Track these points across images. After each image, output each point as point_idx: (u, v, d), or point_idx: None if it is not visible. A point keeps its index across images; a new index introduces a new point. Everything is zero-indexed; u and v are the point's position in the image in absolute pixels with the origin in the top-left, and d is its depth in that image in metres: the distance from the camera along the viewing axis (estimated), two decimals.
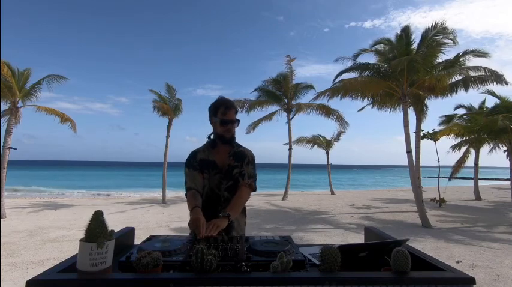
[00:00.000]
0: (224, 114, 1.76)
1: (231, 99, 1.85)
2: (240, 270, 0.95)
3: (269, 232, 6.81)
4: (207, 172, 1.78)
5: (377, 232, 1.47)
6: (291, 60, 14.50)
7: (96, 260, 0.90)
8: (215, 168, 1.79)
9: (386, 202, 13.39)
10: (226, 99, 1.82)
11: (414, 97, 9.21)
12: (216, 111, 1.78)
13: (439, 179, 12.35)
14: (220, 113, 1.76)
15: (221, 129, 1.77)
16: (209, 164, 1.79)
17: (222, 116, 1.76)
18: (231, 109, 1.77)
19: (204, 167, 1.79)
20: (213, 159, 1.81)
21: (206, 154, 1.83)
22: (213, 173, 1.78)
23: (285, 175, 15.26)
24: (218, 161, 1.80)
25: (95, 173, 52.96)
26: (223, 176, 1.78)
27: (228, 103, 1.78)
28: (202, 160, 1.81)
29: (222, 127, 1.77)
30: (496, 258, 4.80)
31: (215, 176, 1.77)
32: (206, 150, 1.84)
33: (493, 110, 13.45)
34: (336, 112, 14.58)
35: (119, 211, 10.05)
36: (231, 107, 1.78)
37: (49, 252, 5.02)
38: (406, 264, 0.93)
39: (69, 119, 10.09)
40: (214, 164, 1.79)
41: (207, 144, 1.87)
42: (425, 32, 8.33)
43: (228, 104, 1.78)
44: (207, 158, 1.81)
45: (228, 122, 1.76)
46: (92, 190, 21.38)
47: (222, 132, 1.78)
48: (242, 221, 1.83)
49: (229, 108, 1.76)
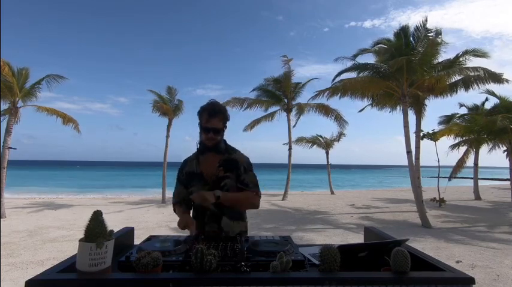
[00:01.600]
0: (207, 121, 1.64)
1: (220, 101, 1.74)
2: (239, 270, 0.95)
3: (269, 232, 6.81)
4: (195, 185, 1.68)
5: (377, 232, 1.47)
6: (288, 60, 14.47)
7: (95, 260, 0.90)
8: (202, 180, 1.68)
9: (386, 202, 13.40)
10: (213, 105, 1.69)
11: (414, 97, 9.21)
12: (200, 117, 1.68)
13: (438, 179, 12.35)
14: (203, 119, 1.65)
15: (204, 136, 1.66)
16: (195, 177, 1.70)
17: (205, 123, 1.64)
18: (214, 116, 1.64)
19: (190, 180, 1.71)
20: (200, 170, 1.70)
21: (193, 165, 1.73)
22: (201, 186, 1.67)
23: (285, 175, 15.26)
24: (205, 172, 1.68)
25: (95, 173, 52.95)
26: (211, 188, 1.63)
27: (212, 109, 1.65)
28: (189, 174, 1.73)
29: (204, 134, 1.66)
30: (495, 258, 4.81)
31: (204, 188, 1.65)
32: (194, 159, 1.74)
33: (492, 110, 13.47)
34: (335, 111, 14.58)
35: (119, 211, 10.05)
36: (216, 113, 1.65)
37: (49, 252, 5.02)
38: (406, 264, 0.93)
39: (72, 120, 10.05)
40: (201, 176, 1.68)
41: (197, 152, 1.77)
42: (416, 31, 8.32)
43: (212, 110, 1.65)
44: (193, 171, 1.72)
45: (209, 130, 1.63)
46: (92, 190, 21.37)
47: (204, 139, 1.67)
48: (236, 227, 1.71)
49: (213, 115, 1.64)
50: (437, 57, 8.65)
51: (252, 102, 15.04)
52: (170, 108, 12.94)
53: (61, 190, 21.33)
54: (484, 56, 8.54)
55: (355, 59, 9.22)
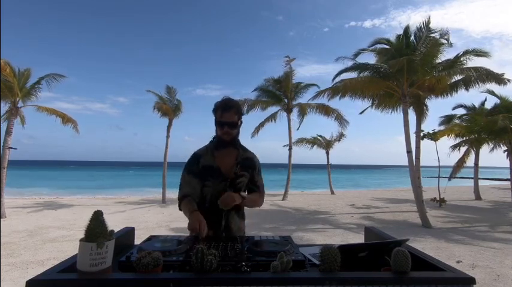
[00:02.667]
0: (221, 116, 1.67)
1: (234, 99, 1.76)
2: (240, 270, 0.95)
3: (269, 232, 6.81)
4: (211, 180, 1.68)
5: (377, 232, 1.47)
6: (290, 60, 14.50)
7: (96, 260, 0.90)
8: (220, 176, 1.68)
9: (386, 202, 13.39)
10: (227, 100, 1.72)
11: (414, 97, 9.21)
12: (215, 112, 1.71)
13: (439, 179, 12.35)
14: (218, 115, 1.69)
15: (219, 131, 1.70)
16: (213, 172, 1.69)
17: (219, 117, 1.68)
18: (229, 110, 1.67)
19: (207, 175, 1.69)
20: (218, 166, 1.70)
21: (210, 159, 1.72)
22: (218, 182, 1.68)
23: (285, 175, 15.26)
24: (224, 169, 1.70)
25: (95, 173, 52.95)
26: (229, 185, 1.68)
27: (226, 104, 1.69)
28: (206, 167, 1.70)
29: (219, 129, 1.69)
30: (496, 258, 4.81)
31: (220, 184, 1.67)
32: (209, 153, 1.73)
33: (493, 110, 13.47)
34: (336, 111, 14.57)
35: (119, 211, 10.05)
36: (230, 108, 1.68)
37: (49, 252, 5.02)
38: (406, 264, 0.93)
39: (71, 120, 10.07)
40: (219, 171, 1.69)
41: (210, 145, 1.77)
42: (418, 31, 8.32)
43: (226, 105, 1.68)
44: (211, 165, 1.70)
45: (224, 124, 1.67)
46: (92, 190, 21.38)
47: (220, 134, 1.70)
48: (242, 225, 1.77)
49: (227, 109, 1.67)
50: (438, 57, 8.66)
51: (252, 103, 15.03)
52: (170, 108, 12.95)
53: (61, 190, 21.33)
54: (484, 56, 8.55)
55: (355, 59, 9.22)
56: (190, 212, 1.54)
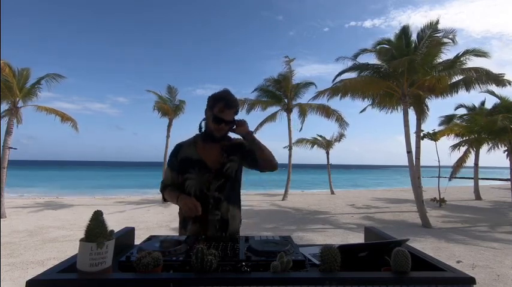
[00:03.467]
0: (221, 111, 1.54)
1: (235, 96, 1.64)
2: (240, 270, 0.95)
3: (269, 232, 6.81)
4: (193, 172, 1.58)
5: (377, 232, 1.47)
6: (290, 60, 14.50)
7: (96, 260, 0.90)
8: (203, 168, 1.58)
9: (386, 202, 13.40)
10: (229, 96, 1.59)
11: (414, 97, 9.21)
12: (214, 104, 1.57)
13: (439, 179, 12.34)
14: (217, 109, 1.55)
15: (213, 126, 1.57)
16: (195, 164, 1.59)
17: (219, 112, 1.54)
18: (231, 108, 1.56)
19: (187, 167, 1.59)
20: (200, 158, 1.60)
21: (191, 150, 1.62)
22: (201, 174, 1.57)
23: (285, 175, 15.26)
24: (209, 161, 1.60)
25: (95, 173, 52.95)
26: (214, 175, 1.58)
27: (230, 101, 1.56)
28: (185, 160, 1.61)
29: (214, 124, 1.56)
30: (496, 258, 4.80)
31: (204, 176, 1.57)
32: (192, 145, 1.64)
33: (493, 110, 13.47)
34: (336, 113, 14.56)
35: (119, 211, 10.05)
36: (232, 106, 1.57)
37: (49, 252, 5.02)
38: (406, 264, 0.93)
39: (70, 119, 10.07)
40: (202, 163, 1.59)
41: (197, 137, 1.67)
42: (422, 32, 8.33)
43: (229, 101, 1.56)
44: (191, 157, 1.60)
45: (222, 122, 1.55)
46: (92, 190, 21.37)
47: (214, 129, 1.58)
48: (237, 216, 1.66)
49: (230, 107, 1.55)
50: (440, 56, 8.66)
51: (252, 103, 15.03)
52: (170, 108, 12.94)
53: (61, 190, 21.32)
54: (484, 56, 8.54)
55: (355, 59, 9.23)
56: (177, 197, 1.51)
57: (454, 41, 8.23)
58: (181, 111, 13.41)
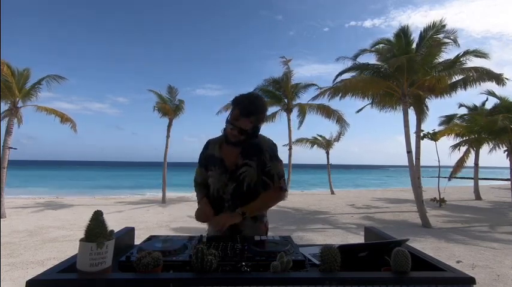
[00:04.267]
0: (236, 118, 1.48)
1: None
2: (240, 270, 0.95)
3: (269, 232, 6.80)
4: (213, 170, 1.57)
5: (377, 232, 1.47)
6: (287, 61, 14.47)
7: (96, 260, 0.90)
8: (221, 167, 1.55)
9: (386, 202, 13.40)
10: (250, 102, 1.49)
11: (414, 97, 9.21)
12: (233, 108, 1.52)
13: (439, 179, 12.34)
14: (233, 114, 1.50)
15: (228, 129, 1.53)
16: (215, 161, 1.57)
17: (234, 118, 1.49)
18: (246, 116, 1.47)
19: (209, 163, 1.60)
20: (220, 156, 1.57)
21: (215, 148, 1.62)
22: (220, 173, 1.55)
23: (285, 175, 15.21)
24: (227, 159, 1.56)
25: (95, 173, 52.94)
26: (230, 177, 1.53)
27: (247, 108, 1.47)
28: (209, 156, 1.62)
29: (228, 128, 1.52)
30: (496, 258, 4.80)
31: (221, 176, 1.55)
32: (217, 143, 1.63)
33: (493, 110, 13.48)
34: (337, 113, 14.55)
35: (119, 211, 10.05)
36: (249, 114, 1.47)
37: (49, 252, 5.02)
38: (406, 264, 0.93)
39: (70, 119, 10.08)
40: (221, 162, 1.56)
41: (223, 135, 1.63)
42: (424, 32, 8.33)
43: (246, 108, 1.47)
44: (213, 154, 1.60)
45: (236, 129, 1.49)
46: (92, 190, 21.37)
47: (228, 132, 1.53)
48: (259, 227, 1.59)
49: (245, 114, 1.47)
50: (441, 56, 8.66)
51: None
52: (170, 108, 12.94)
53: (61, 190, 21.32)
54: (484, 57, 8.54)
55: (356, 59, 9.23)
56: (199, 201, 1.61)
57: (456, 43, 8.20)
58: (181, 111, 13.42)
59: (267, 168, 1.54)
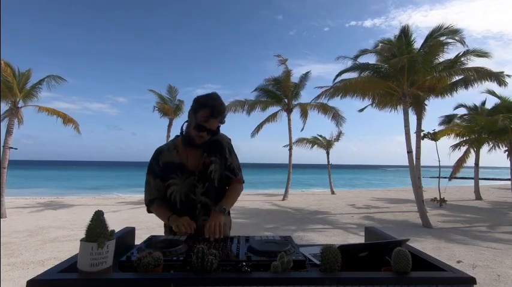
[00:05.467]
0: (205, 120, 1.45)
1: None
2: (240, 270, 0.95)
3: (269, 232, 6.81)
4: (175, 177, 1.53)
5: (377, 232, 1.47)
6: (284, 60, 14.45)
7: (96, 260, 0.90)
8: (185, 171, 1.53)
9: (386, 202, 13.39)
10: (215, 103, 1.47)
11: (414, 97, 9.21)
12: (198, 109, 1.47)
13: (439, 179, 12.34)
14: (200, 115, 1.45)
15: (194, 132, 1.48)
16: (177, 168, 1.53)
17: (202, 120, 1.45)
18: (215, 117, 1.46)
19: (169, 172, 1.54)
20: (180, 161, 1.54)
21: (172, 154, 1.56)
22: (184, 178, 1.53)
23: (285, 175, 15.26)
24: (190, 163, 1.54)
25: (95, 173, 52.97)
26: (198, 178, 1.52)
27: (215, 109, 1.45)
28: (167, 165, 1.54)
29: (195, 131, 1.47)
30: (496, 258, 4.80)
31: (187, 180, 1.52)
32: (172, 149, 1.57)
33: (493, 110, 13.47)
34: (333, 109, 14.60)
35: (119, 211, 10.06)
36: (218, 115, 1.47)
37: (49, 252, 5.02)
38: (407, 264, 0.93)
39: (72, 120, 10.09)
40: (183, 167, 1.53)
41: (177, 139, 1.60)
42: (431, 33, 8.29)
43: (214, 110, 1.45)
44: (172, 161, 1.54)
45: (204, 130, 1.47)
46: (92, 190, 21.39)
47: (194, 135, 1.49)
48: (227, 221, 1.63)
49: (214, 115, 1.46)
50: (442, 56, 8.65)
51: (252, 103, 15.03)
52: (171, 108, 12.96)
53: (61, 190, 21.34)
54: (485, 56, 8.53)
55: (356, 60, 9.22)
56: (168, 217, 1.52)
57: (463, 43, 8.10)
58: (181, 111, 13.44)
59: (228, 162, 1.61)
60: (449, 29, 7.99)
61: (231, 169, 1.62)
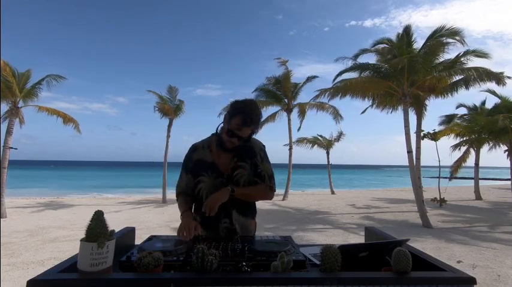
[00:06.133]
0: (238, 128, 1.45)
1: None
2: (240, 270, 0.96)
3: (270, 232, 6.81)
4: (206, 175, 1.54)
5: (377, 232, 1.47)
6: (284, 61, 14.47)
7: (96, 260, 0.90)
8: (215, 171, 1.54)
9: (386, 202, 13.39)
10: (251, 113, 1.46)
11: (414, 97, 9.20)
12: (233, 115, 1.47)
13: (439, 179, 12.34)
14: (234, 122, 1.45)
15: (225, 137, 1.49)
16: (208, 167, 1.54)
17: (235, 127, 1.45)
18: (248, 126, 1.46)
19: (200, 169, 1.55)
20: (213, 160, 1.55)
21: (205, 152, 1.58)
22: (213, 178, 1.53)
23: (285, 175, 15.26)
24: (221, 164, 1.55)
25: (95, 173, 52.98)
26: (226, 181, 1.52)
27: (248, 118, 1.45)
28: (199, 162, 1.56)
29: (227, 136, 1.48)
30: (496, 258, 4.80)
31: (216, 180, 1.53)
32: (206, 147, 1.59)
33: (493, 110, 13.46)
34: (332, 107, 14.62)
35: (119, 211, 10.06)
36: (251, 124, 1.46)
37: (49, 252, 5.02)
38: (407, 264, 0.93)
39: (72, 120, 10.10)
40: (214, 166, 1.54)
41: (212, 138, 1.61)
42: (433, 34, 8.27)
43: (250, 119, 1.45)
44: (204, 159, 1.56)
45: (236, 137, 1.47)
46: (92, 190, 21.40)
47: (225, 140, 1.50)
48: (250, 224, 1.63)
49: (247, 124, 1.45)
50: (442, 56, 8.65)
51: None
52: (171, 108, 12.96)
53: (61, 190, 21.34)
54: (485, 57, 8.52)
55: (356, 59, 9.22)
56: (183, 211, 1.53)
57: (463, 43, 8.09)
58: (181, 111, 13.43)
59: (258, 169, 1.57)
60: (451, 31, 7.98)
61: (261, 176, 1.57)
